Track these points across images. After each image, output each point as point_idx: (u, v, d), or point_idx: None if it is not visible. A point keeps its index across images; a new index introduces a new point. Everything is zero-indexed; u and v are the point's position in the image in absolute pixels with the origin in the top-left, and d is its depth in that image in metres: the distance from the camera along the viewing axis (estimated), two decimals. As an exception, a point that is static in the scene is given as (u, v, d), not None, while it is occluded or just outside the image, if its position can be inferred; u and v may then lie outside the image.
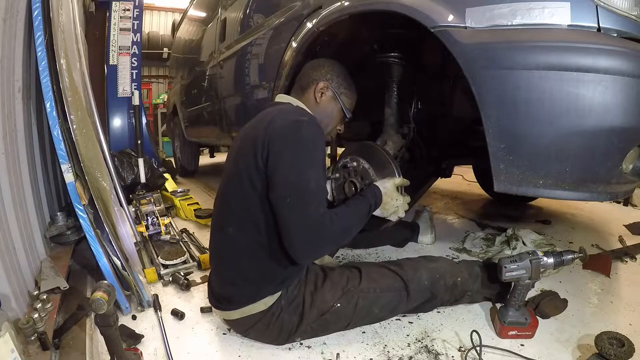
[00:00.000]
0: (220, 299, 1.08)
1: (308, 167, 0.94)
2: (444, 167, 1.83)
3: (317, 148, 0.97)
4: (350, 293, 1.05)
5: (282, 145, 0.95)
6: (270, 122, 0.98)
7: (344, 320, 1.06)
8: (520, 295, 1.06)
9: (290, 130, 0.96)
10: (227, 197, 1.06)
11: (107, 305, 0.80)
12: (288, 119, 0.99)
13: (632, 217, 2.18)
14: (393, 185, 1.19)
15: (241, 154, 1.01)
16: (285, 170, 0.94)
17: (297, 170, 0.94)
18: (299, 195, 0.93)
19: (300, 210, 0.92)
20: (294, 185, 0.93)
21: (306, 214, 0.92)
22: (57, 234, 1.51)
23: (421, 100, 1.61)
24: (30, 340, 0.93)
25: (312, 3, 1.51)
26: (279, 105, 1.12)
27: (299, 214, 0.92)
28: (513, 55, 0.92)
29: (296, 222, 0.92)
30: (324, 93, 1.15)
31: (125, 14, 3.26)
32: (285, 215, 0.93)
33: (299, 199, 0.93)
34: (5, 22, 1.19)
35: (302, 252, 0.95)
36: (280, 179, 0.94)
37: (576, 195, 0.95)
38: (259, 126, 1.00)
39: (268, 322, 1.02)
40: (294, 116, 1.00)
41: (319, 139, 0.99)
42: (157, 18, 8.05)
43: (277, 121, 0.98)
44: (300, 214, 0.92)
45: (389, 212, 1.18)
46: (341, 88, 1.18)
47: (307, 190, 0.93)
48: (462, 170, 3.03)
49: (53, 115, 1.27)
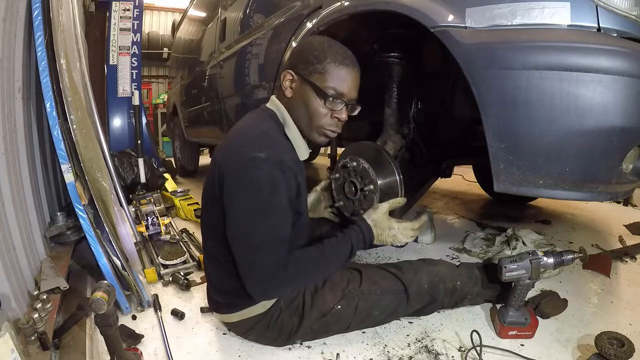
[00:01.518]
0: (217, 303, 1.08)
1: (259, 215, 0.88)
2: (444, 167, 1.83)
3: (274, 190, 0.88)
4: (351, 295, 1.05)
5: (233, 186, 0.89)
6: (226, 154, 0.92)
7: (345, 322, 1.05)
8: (520, 295, 1.06)
9: (241, 171, 0.88)
10: (204, 212, 1.05)
11: (107, 305, 0.80)
12: (243, 154, 0.89)
13: (632, 217, 2.18)
14: (382, 214, 1.06)
15: (209, 175, 0.98)
16: (236, 214, 0.90)
17: (247, 219, 0.89)
18: (245, 244, 0.90)
19: (248, 259, 0.90)
20: (242, 234, 0.90)
21: (253, 264, 0.89)
22: (57, 234, 1.51)
23: (421, 100, 1.61)
24: (30, 340, 0.93)
25: (312, 3, 1.51)
26: (252, 119, 1.01)
27: (246, 261, 0.90)
28: (513, 55, 0.92)
29: (244, 267, 0.91)
30: (291, 84, 0.98)
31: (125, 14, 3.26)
32: (236, 256, 0.92)
33: (246, 248, 0.90)
34: (5, 22, 1.19)
35: (253, 294, 0.93)
36: (231, 221, 0.91)
37: (576, 195, 0.95)
38: (221, 151, 0.95)
39: (267, 324, 1.01)
40: (250, 151, 0.88)
41: (276, 178, 0.88)
42: (157, 18, 8.04)
43: (232, 156, 0.91)
44: (248, 261, 0.90)
45: (387, 242, 1.06)
46: (309, 66, 0.95)
47: (254, 241, 0.88)
48: (462, 170, 3.03)
49: (53, 115, 1.27)
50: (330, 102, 0.95)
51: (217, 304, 1.08)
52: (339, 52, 0.96)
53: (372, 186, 1.38)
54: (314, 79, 0.94)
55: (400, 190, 1.35)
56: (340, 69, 0.94)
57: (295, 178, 0.94)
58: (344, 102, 0.97)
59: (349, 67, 0.95)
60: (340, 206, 1.50)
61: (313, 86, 0.94)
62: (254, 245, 0.88)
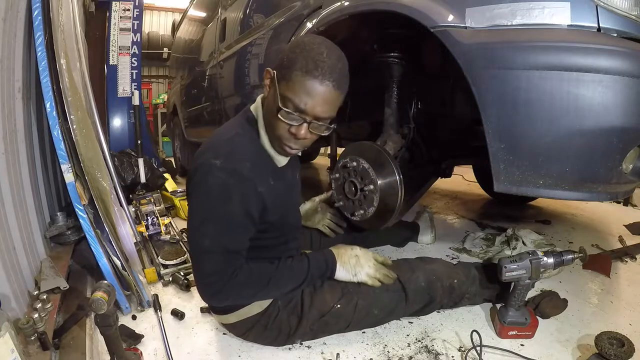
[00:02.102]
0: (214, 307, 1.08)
1: (207, 221, 0.89)
2: (444, 167, 1.83)
3: (224, 199, 0.87)
4: (350, 294, 1.05)
5: (189, 189, 0.94)
6: (194, 157, 0.95)
7: (344, 322, 1.05)
8: (520, 295, 1.06)
9: (198, 176, 0.90)
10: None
11: (107, 305, 0.80)
12: (201, 159, 0.90)
13: (632, 217, 2.18)
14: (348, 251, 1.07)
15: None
16: (189, 217, 0.95)
17: (194, 223, 0.92)
18: (194, 247, 0.93)
19: (195, 262, 0.94)
20: (192, 237, 0.94)
21: (199, 268, 0.92)
22: (57, 234, 1.51)
23: (421, 100, 1.61)
24: (30, 340, 0.93)
25: (312, 3, 1.51)
26: (229, 124, 1.02)
27: (194, 264, 0.94)
28: (513, 55, 0.92)
29: (194, 269, 0.95)
30: (269, 82, 0.90)
31: (125, 14, 3.25)
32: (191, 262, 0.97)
33: (194, 251, 0.93)
34: (5, 22, 1.19)
35: (206, 300, 0.99)
36: (188, 223, 0.95)
37: (576, 195, 0.95)
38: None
39: (265, 324, 1.01)
40: (209, 157, 0.88)
41: (229, 187, 0.86)
42: (157, 18, 8.04)
43: (195, 160, 0.93)
44: (195, 264, 0.94)
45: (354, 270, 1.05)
46: (282, 69, 0.85)
47: (200, 246, 0.90)
48: (462, 170, 3.03)
49: (53, 115, 1.27)
50: (284, 114, 0.84)
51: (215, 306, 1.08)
52: (315, 60, 0.82)
53: (372, 186, 1.38)
54: (280, 85, 0.85)
55: (400, 190, 1.35)
56: (306, 81, 0.82)
57: (254, 189, 0.90)
58: (303, 119, 0.85)
59: (317, 80, 0.82)
60: (340, 206, 1.50)
61: (277, 92, 0.86)
62: (201, 249, 0.90)
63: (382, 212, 1.39)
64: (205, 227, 0.89)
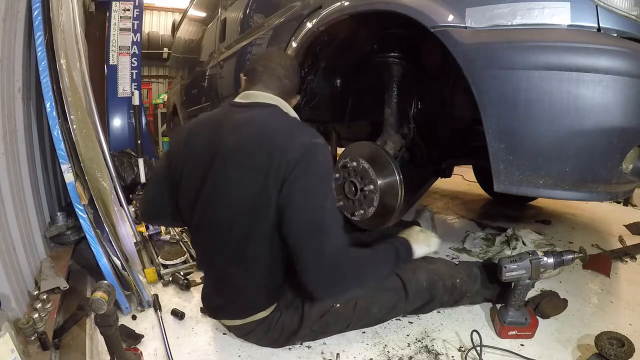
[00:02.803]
0: (220, 311, 1.07)
1: (323, 198, 0.88)
2: (444, 167, 1.83)
3: (331, 175, 0.94)
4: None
5: (300, 173, 0.86)
6: (282, 145, 0.88)
7: (344, 321, 1.05)
8: (520, 295, 1.06)
9: (309, 157, 0.87)
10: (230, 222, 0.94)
11: (107, 305, 0.80)
12: (304, 141, 0.89)
13: (632, 217, 2.18)
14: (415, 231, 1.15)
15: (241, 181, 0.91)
16: (300, 203, 0.87)
17: (313, 203, 0.88)
18: (315, 231, 0.87)
19: (317, 247, 0.87)
20: (310, 221, 0.87)
21: (323, 250, 0.87)
22: (57, 234, 1.51)
23: (421, 100, 1.61)
24: (30, 340, 0.93)
25: (312, 3, 1.51)
26: (270, 112, 0.99)
27: (315, 251, 0.87)
28: (513, 55, 0.92)
29: (314, 260, 0.88)
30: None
31: (125, 14, 3.26)
32: (300, 253, 0.88)
33: (315, 235, 0.87)
34: (5, 22, 1.19)
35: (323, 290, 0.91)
36: (294, 214, 0.87)
37: (576, 195, 0.95)
38: (262, 148, 0.89)
39: (268, 326, 1.01)
40: (308, 137, 0.90)
41: (332, 163, 0.93)
42: (157, 18, 8.04)
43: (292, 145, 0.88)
44: (317, 250, 0.87)
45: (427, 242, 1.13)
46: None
47: (323, 225, 0.87)
48: (462, 170, 3.03)
49: (53, 115, 1.27)
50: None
51: (220, 312, 1.06)
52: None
53: (372, 186, 1.38)
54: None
55: (400, 190, 1.35)
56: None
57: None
58: None
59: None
60: (340, 206, 1.50)
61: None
62: (323, 234, 0.87)
63: (382, 212, 1.39)
64: (325, 204, 0.88)
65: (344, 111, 1.93)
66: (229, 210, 0.93)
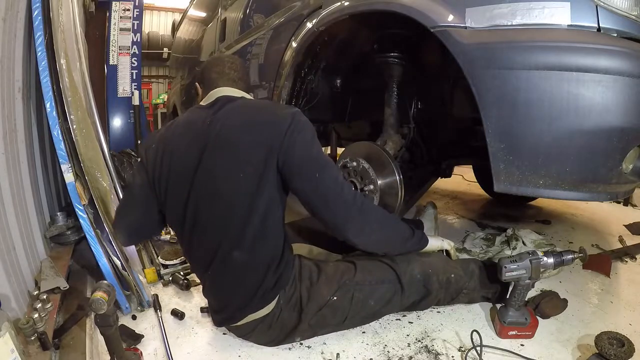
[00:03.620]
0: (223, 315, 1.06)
1: (323, 155, 0.99)
2: (444, 167, 1.83)
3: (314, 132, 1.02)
4: (346, 286, 1.05)
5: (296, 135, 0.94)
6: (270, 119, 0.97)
7: (341, 315, 1.05)
8: (520, 295, 1.06)
9: (297, 121, 0.96)
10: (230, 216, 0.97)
11: (107, 305, 0.80)
12: (287, 111, 0.98)
13: (632, 217, 2.18)
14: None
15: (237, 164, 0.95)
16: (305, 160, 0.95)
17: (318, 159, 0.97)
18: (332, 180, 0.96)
19: (339, 192, 0.96)
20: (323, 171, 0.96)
21: (345, 194, 0.96)
22: (57, 234, 1.51)
23: (421, 100, 1.61)
24: (30, 340, 0.94)
25: (312, 3, 1.51)
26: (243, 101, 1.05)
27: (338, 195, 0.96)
28: (513, 55, 0.92)
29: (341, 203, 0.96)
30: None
31: (125, 14, 3.26)
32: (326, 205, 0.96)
33: (334, 184, 0.96)
34: (5, 22, 1.19)
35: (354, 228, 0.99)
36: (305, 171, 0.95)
37: (576, 195, 0.95)
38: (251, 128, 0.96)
39: (270, 323, 1.01)
40: (288, 109, 1.00)
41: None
42: (157, 18, 8.05)
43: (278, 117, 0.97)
44: (339, 195, 0.96)
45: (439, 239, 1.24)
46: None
47: (336, 176, 0.98)
48: (462, 170, 3.03)
49: (53, 115, 1.27)
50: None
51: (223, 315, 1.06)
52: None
53: (372, 186, 1.38)
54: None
55: (400, 190, 1.35)
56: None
57: None
58: None
59: None
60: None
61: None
62: (335, 179, 0.97)
63: (382, 212, 1.39)
64: (326, 158, 0.98)
65: (344, 111, 1.94)
66: (227, 197, 0.96)
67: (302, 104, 1.73)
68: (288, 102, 1.68)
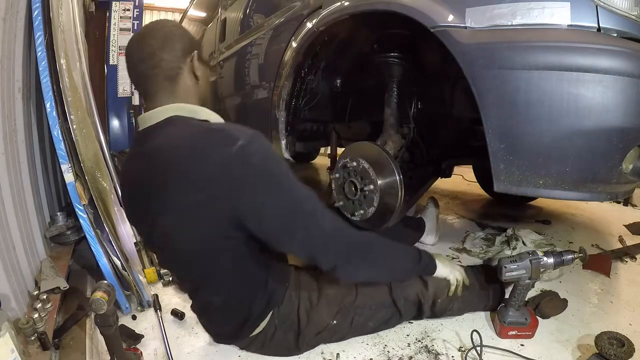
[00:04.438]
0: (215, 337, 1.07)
1: (293, 186, 0.80)
2: (444, 167, 1.83)
3: (279, 163, 0.80)
4: (346, 309, 1.03)
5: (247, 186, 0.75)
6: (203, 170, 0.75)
7: (340, 335, 1.05)
8: (520, 295, 1.06)
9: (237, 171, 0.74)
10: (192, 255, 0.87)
11: (107, 305, 0.80)
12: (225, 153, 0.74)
13: (632, 217, 2.18)
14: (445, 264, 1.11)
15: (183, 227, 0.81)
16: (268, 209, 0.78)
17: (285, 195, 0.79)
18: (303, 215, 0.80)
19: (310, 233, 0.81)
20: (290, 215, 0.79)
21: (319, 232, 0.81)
22: (57, 234, 1.51)
23: (421, 100, 1.61)
24: (30, 340, 0.94)
25: (312, 3, 1.51)
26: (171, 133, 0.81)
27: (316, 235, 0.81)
28: (513, 55, 0.92)
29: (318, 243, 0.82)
30: (197, 65, 0.89)
31: (125, 14, 3.25)
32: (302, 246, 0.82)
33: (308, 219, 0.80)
34: (5, 22, 1.19)
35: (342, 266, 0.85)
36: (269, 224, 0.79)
37: (576, 195, 0.95)
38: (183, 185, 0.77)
39: (263, 341, 1.00)
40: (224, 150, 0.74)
41: (273, 151, 0.81)
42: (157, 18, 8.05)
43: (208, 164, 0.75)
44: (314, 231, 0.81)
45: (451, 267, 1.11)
46: (194, 44, 0.89)
47: (308, 209, 0.81)
48: (462, 170, 3.02)
49: (53, 115, 1.27)
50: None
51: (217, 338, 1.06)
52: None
53: (372, 186, 1.38)
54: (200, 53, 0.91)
55: (400, 190, 1.35)
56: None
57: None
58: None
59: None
60: (340, 206, 1.50)
61: (204, 62, 0.92)
62: (310, 212, 0.80)
63: (382, 212, 1.39)
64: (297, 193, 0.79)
65: (344, 111, 1.93)
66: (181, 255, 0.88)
67: (302, 104, 1.73)
68: (288, 102, 1.68)
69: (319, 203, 0.83)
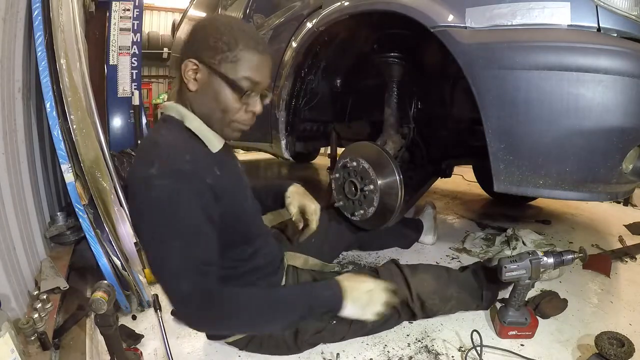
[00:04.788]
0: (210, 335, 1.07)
1: (168, 240, 0.74)
2: (444, 167, 1.83)
3: (179, 208, 0.74)
4: None
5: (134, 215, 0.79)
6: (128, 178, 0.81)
7: (339, 335, 1.05)
8: (520, 295, 1.06)
9: (138, 198, 0.76)
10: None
11: (107, 305, 0.80)
12: (134, 178, 0.78)
13: (632, 217, 2.18)
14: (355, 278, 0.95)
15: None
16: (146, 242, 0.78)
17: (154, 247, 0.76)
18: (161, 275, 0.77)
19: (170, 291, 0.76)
20: (153, 266, 0.78)
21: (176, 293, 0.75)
22: (57, 234, 1.51)
23: (421, 100, 1.61)
24: (30, 340, 0.93)
25: (312, 3, 1.51)
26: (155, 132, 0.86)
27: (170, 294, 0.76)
28: (513, 55, 0.92)
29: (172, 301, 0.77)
30: (197, 75, 0.82)
31: (125, 14, 3.25)
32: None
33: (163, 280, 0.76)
34: (5, 22, 1.19)
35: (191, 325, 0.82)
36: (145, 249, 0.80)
37: (576, 195, 0.95)
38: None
39: (260, 341, 1.00)
40: (140, 170, 0.77)
41: (180, 193, 0.75)
42: (157, 18, 8.04)
43: (128, 182, 0.79)
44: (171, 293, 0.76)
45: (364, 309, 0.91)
46: (218, 54, 0.80)
47: (168, 269, 0.75)
48: (462, 170, 3.03)
49: (53, 115, 1.27)
50: (248, 97, 0.83)
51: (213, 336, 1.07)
52: (251, 35, 0.83)
53: (372, 186, 1.38)
54: (226, 70, 0.80)
55: (400, 190, 1.35)
56: (255, 56, 0.81)
57: (204, 182, 0.79)
58: (260, 93, 0.85)
59: (263, 54, 0.83)
60: (340, 206, 1.51)
61: (225, 78, 0.80)
62: (170, 273, 0.75)
63: (382, 212, 1.39)
64: (167, 247, 0.74)
65: (344, 111, 1.94)
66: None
67: (302, 104, 1.74)
68: (288, 102, 1.68)
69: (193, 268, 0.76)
